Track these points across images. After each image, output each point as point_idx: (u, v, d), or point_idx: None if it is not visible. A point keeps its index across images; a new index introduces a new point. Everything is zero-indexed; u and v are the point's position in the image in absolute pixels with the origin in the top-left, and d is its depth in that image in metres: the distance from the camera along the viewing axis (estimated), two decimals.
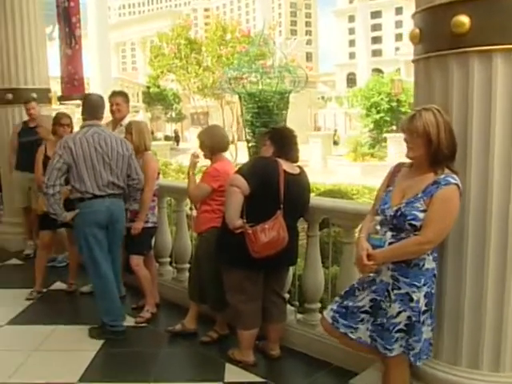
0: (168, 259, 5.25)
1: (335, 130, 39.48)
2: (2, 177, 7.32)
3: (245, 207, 3.35)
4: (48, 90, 7.22)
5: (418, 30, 2.73)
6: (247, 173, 3.39)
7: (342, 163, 23.05)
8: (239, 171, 3.45)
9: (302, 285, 4.00)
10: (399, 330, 2.60)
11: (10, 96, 6.82)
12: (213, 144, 3.95)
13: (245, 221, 3.33)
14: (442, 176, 2.54)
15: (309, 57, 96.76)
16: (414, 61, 2.90)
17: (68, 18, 7.50)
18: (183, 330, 4.20)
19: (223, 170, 3.84)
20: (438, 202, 2.50)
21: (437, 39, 2.64)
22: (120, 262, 4.46)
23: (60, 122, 5.18)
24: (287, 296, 4.05)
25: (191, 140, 45.50)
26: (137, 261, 4.55)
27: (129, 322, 4.43)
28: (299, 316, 4.04)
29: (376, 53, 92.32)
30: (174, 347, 4.08)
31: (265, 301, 3.69)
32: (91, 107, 4.26)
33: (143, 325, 4.47)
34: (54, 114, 5.69)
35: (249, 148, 7.33)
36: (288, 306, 4.02)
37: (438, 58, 2.67)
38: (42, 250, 5.33)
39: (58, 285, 5.50)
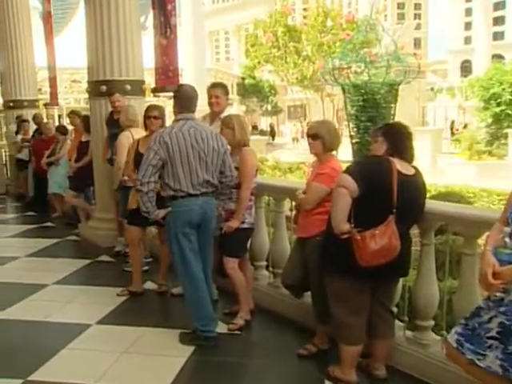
0: (264, 263, 5.24)
1: (465, 125, 37.39)
2: (94, 170, 7.67)
3: (353, 210, 3.25)
4: (142, 82, 7.45)
5: None
6: (356, 172, 3.29)
7: (455, 162, 22.11)
8: (347, 170, 3.35)
9: (412, 298, 3.83)
10: None
11: (104, 88, 7.09)
12: (332, 141, 3.89)
13: (352, 225, 3.24)
14: None
15: (417, 43, 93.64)
16: None
17: (163, 6, 7.72)
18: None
19: (340, 170, 3.76)
20: None
21: None
22: (211, 264, 4.49)
23: (147, 115, 5.30)
24: (395, 310, 3.89)
25: (287, 134, 45.72)
26: (232, 264, 4.57)
27: (221, 328, 4.46)
28: (408, 333, 3.87)
29: (497, 36, 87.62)
30: (268, 359, 4.05)
31: (371, 314, 3.57)
32: (185, 99, 4.28)
33: (236, 332, 4.48)
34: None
35: (352, 144, 7.19)
36: (396, 322, 3.88)
37: None
38: (131, 247, 5.53)
39: (149, 285, 5.66)
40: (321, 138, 3.88)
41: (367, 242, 3.16)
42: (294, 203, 4.54)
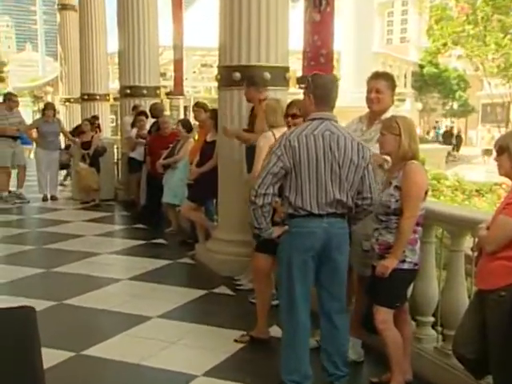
0: (431, 319, 5.06)
1: None
2: (220, 179, 7.83)
3: None
4: (286, 69, 7.51)
5: None
6: None
7: None
8: None
9: None
10: None
11: (237, 75, 7.24)
12: None
13: None
14: None
15: None
16: None
17: None
18: None
19: None
20: None
21: None
22: (348, 312, 4.49)
23: (286, 112, 5.44)
24: None
25: (480, 144, 44.02)
26: (384, 316, 4.44)
27: None
28: None
29: None
30: None
31: None
32: (323, 91, 4.33)
33: None
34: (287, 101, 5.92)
35: None
36: None
37: None
38: (256, 280, 5.63)
39: (276, 330, 5.64)
40: (507, 152, 3.68)
41: None
42: (476, 240, 4.34)
